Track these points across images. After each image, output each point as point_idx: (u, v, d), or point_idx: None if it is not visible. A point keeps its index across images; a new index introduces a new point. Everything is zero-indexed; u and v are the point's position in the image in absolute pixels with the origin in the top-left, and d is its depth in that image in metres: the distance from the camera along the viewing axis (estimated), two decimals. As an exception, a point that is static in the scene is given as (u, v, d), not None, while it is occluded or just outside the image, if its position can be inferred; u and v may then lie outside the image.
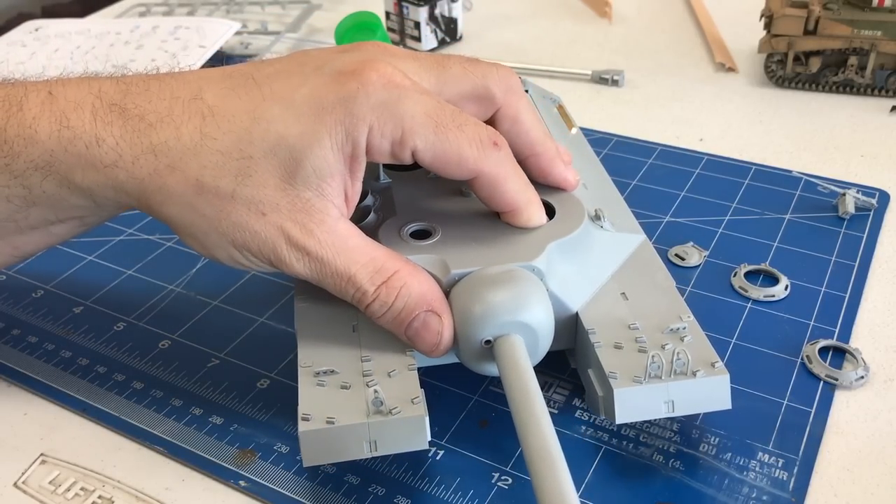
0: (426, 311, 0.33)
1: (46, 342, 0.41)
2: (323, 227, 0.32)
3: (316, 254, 0.32)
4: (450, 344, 0.33)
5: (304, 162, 0.31)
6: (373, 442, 0.30)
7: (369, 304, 0.33)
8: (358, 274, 0.32)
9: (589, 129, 0.58)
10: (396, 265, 0.33)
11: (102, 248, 0.48)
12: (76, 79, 0.35)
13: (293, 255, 0.32)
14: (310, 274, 0.33)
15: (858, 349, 0.39)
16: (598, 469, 0.34)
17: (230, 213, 0.32)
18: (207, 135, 0.32)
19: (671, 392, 0.32)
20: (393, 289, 0.32)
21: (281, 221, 0.32)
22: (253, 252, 0.32)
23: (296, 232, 0.32)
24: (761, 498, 0.32)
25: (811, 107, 0.61)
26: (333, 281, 0.33)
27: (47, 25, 0.76)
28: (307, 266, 0.32)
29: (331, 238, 0.32)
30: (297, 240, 0.32)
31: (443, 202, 0.37)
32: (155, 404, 0.37)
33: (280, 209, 0.32)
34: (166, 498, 0.33)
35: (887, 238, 0.47)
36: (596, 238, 0.37)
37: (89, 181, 0.33)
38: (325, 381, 0.32)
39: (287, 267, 0.32)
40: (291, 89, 0.32)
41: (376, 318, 0.33)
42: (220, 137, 0.32)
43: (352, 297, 0.33)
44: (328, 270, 0.32)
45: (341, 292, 0.33)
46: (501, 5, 0.81)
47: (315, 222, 0.32)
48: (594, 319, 0.34)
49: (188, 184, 0.32)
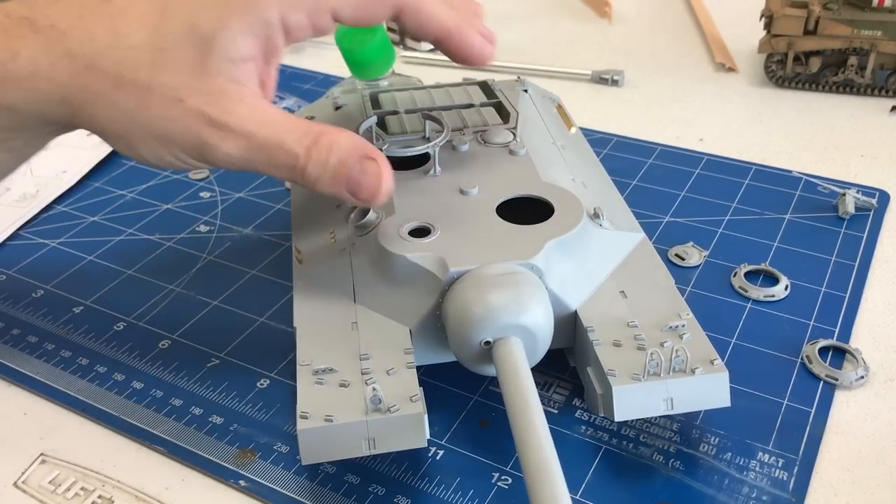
0: (361, 158, 0.33)
1: (46, 342, 0.41)
2: (242, 104, 0.32)
3: (240, 129, 0.32)
4: (390, 186, 0.34)
5: (216, 47, 0.32)
6: (371, 440, 0.30)
7: (305, 168, 0.33)
8: (286, 140, 0.33)
9: (589, 129, 0.58)
10: (321, 127, 0.33)
11: (102, 248, 0.48)
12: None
13: (216, 136, 0.32)
14: (237, 152, 0.33)
15: (858, 349, 0.39)
16: (598, 469, 0.34)
17: (149, 103, 0.32)
18: (120, 33, 0.32)
19: (670, 390, 0.32)
20: (323, 146, 0.33)
21: (199, 104, 0.32)
22: (177, 142, 0.33)
23: (215, 112, 0.32)
24: (761, 498, 0.32)
25: (811, 107, 0.61)
26: (262, 154, 0.33)
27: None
28: (233, 144, 0.32)
29: (252, 112, 0.33)
30: (217, 119, 0.32)
31: (441, 201, 0.38)
32: (155, 404, 0.37)
33: (197, 93, 0.32)
34: (166, 498, 0.33)
35: (887, 238, 0.47)
36: (595, 236, 0.37)
37: (11, 98, 0.33)
38: (324, 379, 0.32)
39: (213, 150, 0.33)
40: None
41: (316, 183, 0.33)
42: (131, 34, 0.32)
43: (284, 165, 0.33)
44: (255, 143, 0.32)
45: (273, 164, 0.33)
46: (501, 5, 0.81)
47: (233, 102, 0.32)
48: (593, 317, 0.34)
49: (107, 80, 0.32)
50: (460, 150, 0.41)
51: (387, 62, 0.50)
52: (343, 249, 0.37)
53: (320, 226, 0.40)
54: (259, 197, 0.52)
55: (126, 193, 0.53)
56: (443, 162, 0.40)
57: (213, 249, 0.47)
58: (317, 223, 0.40)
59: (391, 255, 0.34)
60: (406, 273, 0.34)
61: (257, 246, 0.47)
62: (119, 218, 0.50)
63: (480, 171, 0.39)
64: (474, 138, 0.42)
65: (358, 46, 0.48)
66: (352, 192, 0.33)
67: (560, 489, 0.27)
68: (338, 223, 0.39)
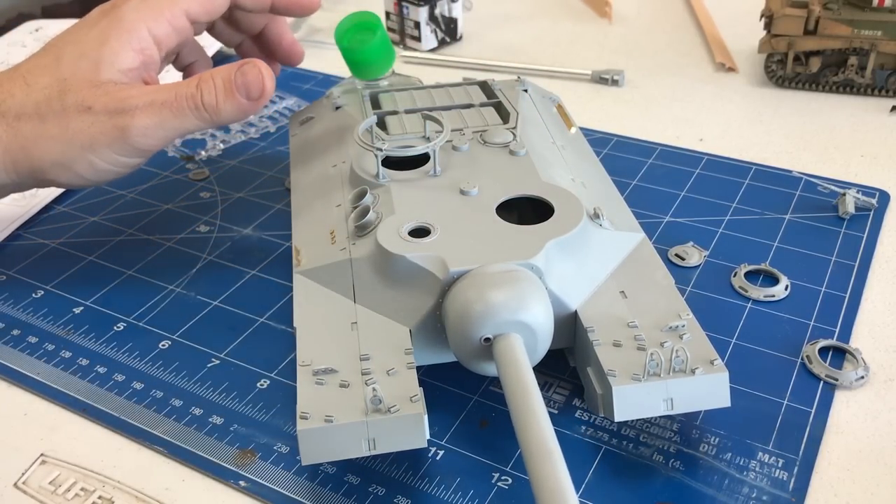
0: (239, 66, 0.40)
1: (46, 342, 0.41)
2: (135, 89, 0.40)
3: (143, 102, 0.39)
4: (272, 77, 0.40)
5: (103, 61, 0.40)
6: (371, 440, 0.30)
7: (202, 99, 0.39)
8: (178, 90, 0.40)
9: (589, 128, 0.58)
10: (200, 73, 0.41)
11: (102, 248, 0.48)
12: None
13: (127, 118, 0.39)
14: (149, 119, 0.39)
15: (858, 349, 0.39)
16: (598, 469, 0.34)
17: (69, 122, 0.39)
18: (31, 83, 0.40)
19: (670, 390, 0.32)
20: (206, 77, 0.40)
21: (105, 104, 0.39)
22: (101, 143, 0.39)
23: (119, 103, 0.39)
24: (761, 498, 0.32)
25: (811, 107, 0.61)
26: (169, 111, 0.39)
27: (47, 26, 0.76)
28: (143, 116, 0.39)
29: (146, 89, 0.40)
30: (122, 107, 0.39)
31: (441, 201, 0.38)
32: (155, 404, 0.37)
33: (99, 97, 0.39)
34: (166, 498, 0.33)
35: (887, 238, 0.47)
36: (594, 236, 0.37)
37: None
38: (324, 379, 0.32)
39: (130, 131, 0.39)
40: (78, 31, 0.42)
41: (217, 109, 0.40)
42: (39, 80, 0.40)
43: (188, 108, 0.39)
44: (159, 104, 0.39)
45: (180, 113, 0.39)
46: (501, 5, 0.81)
47: (128, 91, 0.40)
48: (593, 318, 0.34)
49: (33, 121, 0.39)
50: (460, 150, 0.41)
51: (387, 62, 0.50)
52: (343, 249, 0.37)
53: (320, 226, 0.40)
54: (259, 197, 0.52)
55: (126, 193, 0.53)
56: (443, 162, 0.40)
57: (213, 249, 0.47)
58: (317, 223, 0.40)
59: (391, 255, 0.34)
60: (406, 273, 0.34)
61: (257, 246, 0.47)
62: (119, 218, 0.50)
63: (480, 172, 0.39)
64: (474, 138, 0.42)
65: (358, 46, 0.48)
66: (246, 94, 0.40)
67: (565, 483, 0.27)
68: (338, 223, 0.39)
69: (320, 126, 0.47)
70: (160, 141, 0.40)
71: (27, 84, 0.40)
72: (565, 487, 0.27)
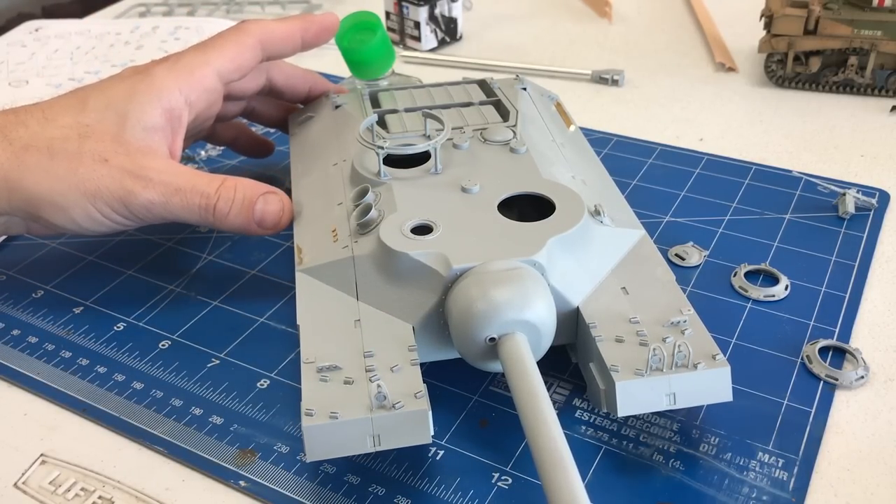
0: (264, 193, 0.40)
1: (46, 342, 0.41)
2: (157, 161, 0.39)
3: (158, 179, 0.39)
4: (291, 214, 0.41)
5: (129, 117, 0.39)
6: (376, 436, 0.30)
7: (216, 205, 0.39)
8: (198, 183, 0.39)
9: (589, 128, 0.58)
10: (224, 176, 0.40)
11: (102, 248, 0.48)
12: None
13: (139, 185, 0.39)
14: (157, 198, 0.39)
15: (858, 349, 0.39)
16: (598, 469, 0.34)
17: (79, 165, 0.38)
18: (50, 118, 0.40)
19: (672, 385, 0.32)
20: (229, 187, 0.40)
21: (122, 162, 0.39)
22: (104, 196, 0.38)
23: (136, 167, 0.39)
24: (761, 498, 0.32)
25: (811, 107, 0.61)
26: (179, 198, 0.39)
27: (47, 26, 0.76)
28: (153, 192, 0.39)
29: (167, 166, 0.40)
30: (138, 172, 0.39)
31: (443, 198, 0.38)
32: (155, 404, 0.37)
33: (119, 154, 0.39)
34: (166, 498, 0.33)
35: (887, 238, 0.47)
36: (596, 233, 0.37)
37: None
38: (328, 376, 0.32)
39: (136, 198, 0.39)
40: (107, 83, 0.41)
41: (226, 219, 0.40)
42: (59, 118, 0.40)
43: (197, 205, 0.39)
44: (172, 189, 0.39)
45: (188, 205, 0.39)
46: (501, 5, 0.81)
47: (150, 159, 0.39)
48: (595, 313, 0.35)
49: (41, 154, 0.38)
50: (461, 148, 0.41)
51: (387, 62, 0.50)
52: (345, 247, 0.37)
53: (322, 224, 0.40)
54: (259, 197, 0.52)
55: (126, 193, 0.52)
56: (444, 160, 0.40)
57: (213, 249, 0.47)
58: (318, 221, 0.40)
59: (394, 252, 0.34)
60: (409, 270, 0.34)
61: (257, 246, 0.47)
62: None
63: (481, 169, 0.39)
64: (475, 136, 0.42)
65: (358, 46, 0.48)
66: (259, 223, 0.40)
67: (575, 482, 0.27)
68: (339, 221, 0.39)
69: (320, 125, 0.47)
70: (158, 218, 0.40)
71: (45, 118, 0.39)
72: (577, 490, 0.27)
